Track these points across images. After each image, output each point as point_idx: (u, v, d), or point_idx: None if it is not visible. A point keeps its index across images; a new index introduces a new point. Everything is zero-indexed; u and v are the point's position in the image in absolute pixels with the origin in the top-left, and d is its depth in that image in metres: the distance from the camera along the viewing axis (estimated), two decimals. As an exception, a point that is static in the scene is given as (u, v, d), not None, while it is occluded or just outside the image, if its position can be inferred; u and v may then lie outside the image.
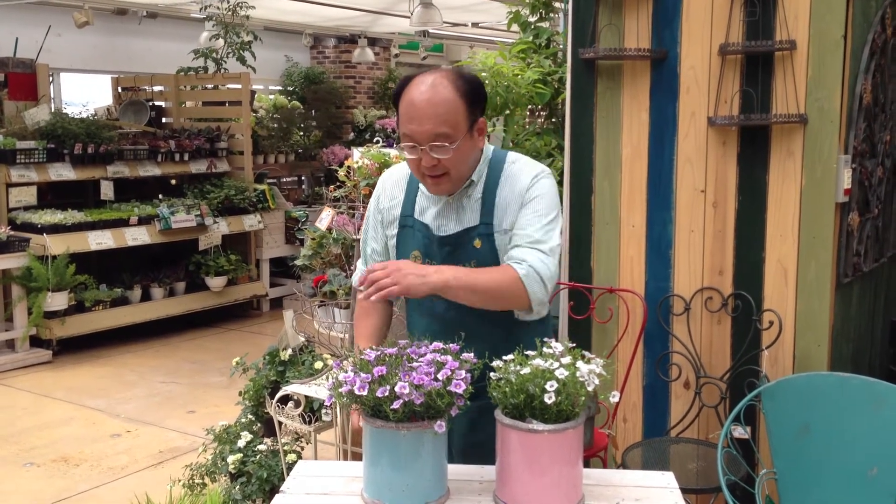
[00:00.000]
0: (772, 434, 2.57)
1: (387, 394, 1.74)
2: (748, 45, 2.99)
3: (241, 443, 3.61)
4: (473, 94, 2.08)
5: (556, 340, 1.94)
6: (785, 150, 3.01)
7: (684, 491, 2.01)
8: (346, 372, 1.82)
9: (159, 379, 6.07)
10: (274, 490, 3.40)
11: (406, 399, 1.73)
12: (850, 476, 2.46)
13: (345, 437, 3.17)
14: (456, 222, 2.16)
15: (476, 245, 2.14)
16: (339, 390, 1.81)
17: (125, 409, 5.43)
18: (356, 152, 4.31)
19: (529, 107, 4.50)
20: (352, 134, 10.72)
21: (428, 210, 2.20)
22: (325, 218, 3.93)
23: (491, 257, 2.14)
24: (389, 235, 2.27)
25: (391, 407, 1.74)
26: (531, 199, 2.12)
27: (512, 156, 2.20)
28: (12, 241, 6.28)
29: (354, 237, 3.78)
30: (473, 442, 2.17)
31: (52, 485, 4.31)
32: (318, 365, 3.56)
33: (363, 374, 1.78)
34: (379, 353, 1.85)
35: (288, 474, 2.33)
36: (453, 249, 2.15)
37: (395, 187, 2.28)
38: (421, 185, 2.21)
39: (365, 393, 1.76)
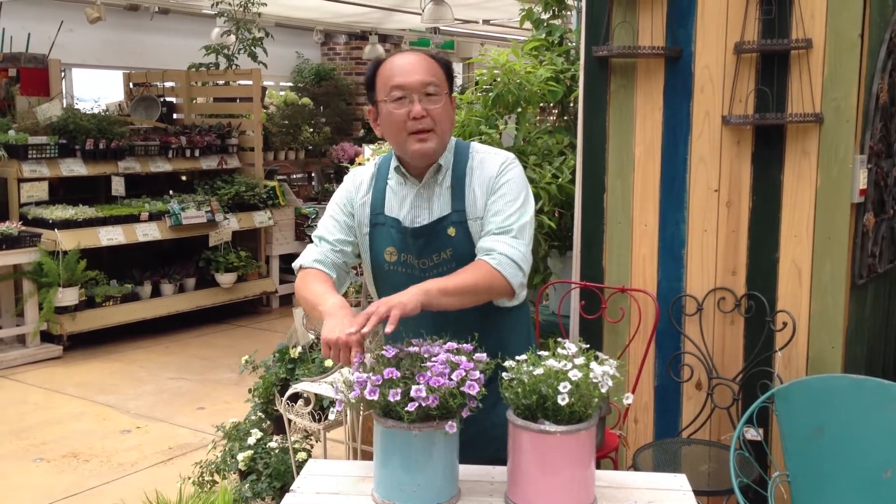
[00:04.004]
0: (785, 436, 2.55)
1: (398, 398, 1.72)
2: (764, 43, 2.96)
3: (251, 440, 3.61)
4: (446, 67, 2.17)
5: (567, 339, 1.93)
6: (800, 149, 2.99)
7: (696, 493, 2.00)
8: (362, 372, 1.79)
9: (169, 375, 6.08)
10: (284, 488, 3.39)
11: (422, 403, 1.71)
12: (863, 479, 2.43)
13: (354, 435, 3.16)
14: (428, 212, 2.17)
15: (450, 233, 2.14)
16: (349, 394, 1.79)
17: (135, 404, 5.44)
18: (367, 149, 4.31)
19: (541, 104, 4.48)
20: (362, 131, 10.72)
21: (398, 205, 2.19)
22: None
23: (466, 245, 2.14)
24: (361, 234, 2.24)
25: (406, 409, 1.72)
26: (500, 185, 2.15)
27: (475, 146, 2.24)
28: (24, 237, 6.30)
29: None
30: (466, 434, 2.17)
31: (61, 480, 4.32)
32: (328, 363, 3.55)
33: (374, 377, 1.76)
34: (397, 351, 1.83)
35: (298, 472, 2.32)
36: (427, 240, 2.15)
37: (362, 186, 2.26)
38: (389, 180, 2.21)
39: (375, 398, 1.74)
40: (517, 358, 1.84)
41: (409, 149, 2.12)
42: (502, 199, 2.13)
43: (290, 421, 3.42)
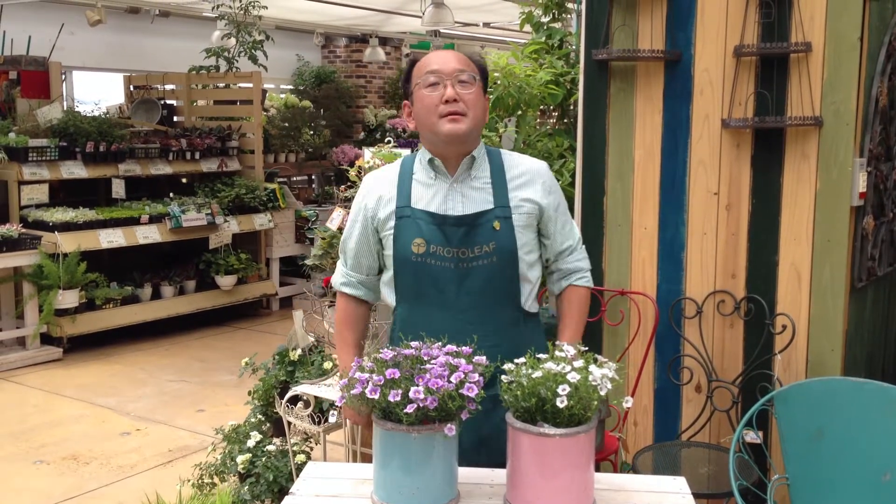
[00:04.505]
0: (784, 439, 2.55)
1: (398, 398, 1.72)
2: (763, 46, 2.96)
3: (250, 443, 3.61)
4: (482, 67, 2.24)
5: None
6: (799, 152, 2.99)
7: (696, 496, 2.00)
8: (363, 371, 1.80)
9: (169, 377, 6.08)
10: (283, 490, 3.39)
11: (420, 404, 1.72)
12: (863, 481, 2.44)
13: (354, 438, 3.16)
14: (463, 205, 2.18)
15: (495, 227, 2.17)
16: (351, 392, 1.79)
17: (135, 407, 5.44)
18: (367, 152, 4.31)
19: (541, 107, 4.48)
20: (362, 133, 10.72)
21: (427, 198, 2.20)
22: (336, 218, 3.92)
23: (509, 237, 2.18)
24: (384, 231, 2.24)
25: (405, 411, 1.72)
26: (557, 199, 2.27)
27: (502, 150, 2.32)
28: (24, 239, 6.30)
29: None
30: (480, 436, 2.16)
31: (61, 483, 4.32)
32: (328, 365, 3.55)
33: (376, 377, 1.77)
34: (395, 353, 1.84)
35: (297, 475, 2.32)
36: (469, 230, 2.16)
37: (383, 186, 2.26)
38: (415, 175, 2.24)
39: (377, 396, 1.75)
40: (516, 361, 1.84)
41: (441, 130, 2.14)
42: (563, 214, 2.28)
43: (289, 423, 3.42)
